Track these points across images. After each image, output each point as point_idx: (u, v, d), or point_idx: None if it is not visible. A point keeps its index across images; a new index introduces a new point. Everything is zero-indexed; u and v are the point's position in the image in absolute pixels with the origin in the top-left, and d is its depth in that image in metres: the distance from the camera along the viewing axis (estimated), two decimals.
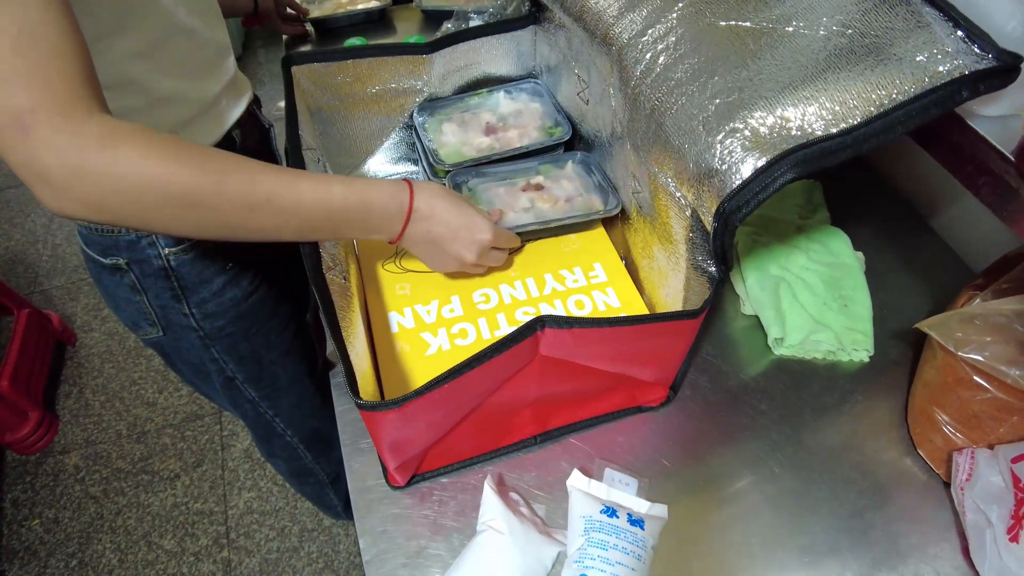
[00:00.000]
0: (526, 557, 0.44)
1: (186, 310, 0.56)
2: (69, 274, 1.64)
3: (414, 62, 0.62)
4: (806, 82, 0.36)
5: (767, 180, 0.34)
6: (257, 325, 0.62)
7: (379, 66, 0.61)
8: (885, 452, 0.54)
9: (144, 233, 0.50)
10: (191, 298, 0.55)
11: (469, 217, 0.47)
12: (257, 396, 0.69)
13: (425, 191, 0.45)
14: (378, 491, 0.51)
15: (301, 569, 1.12)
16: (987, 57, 0.34)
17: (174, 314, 0.56)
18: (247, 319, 0.60)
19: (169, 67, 0.46)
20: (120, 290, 0.54)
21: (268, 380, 0.68)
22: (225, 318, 0.58)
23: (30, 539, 1.18)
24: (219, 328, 0.59)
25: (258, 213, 0.36)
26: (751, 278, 0.63)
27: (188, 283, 0.54)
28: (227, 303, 0.57)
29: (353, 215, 0.41)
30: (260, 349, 0.64)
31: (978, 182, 0.40)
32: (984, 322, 0.48)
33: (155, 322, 0.57)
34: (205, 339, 0.59)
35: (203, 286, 0.55)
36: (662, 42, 0.42)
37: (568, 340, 0.41)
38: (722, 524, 0.50)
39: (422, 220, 0.45)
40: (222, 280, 0.56)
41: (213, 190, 0.34)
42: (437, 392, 0.38)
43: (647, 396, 0.55)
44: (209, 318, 0.57)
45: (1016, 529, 0.46)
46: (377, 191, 0.42)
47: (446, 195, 0.46)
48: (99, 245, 0.51)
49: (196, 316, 0.57)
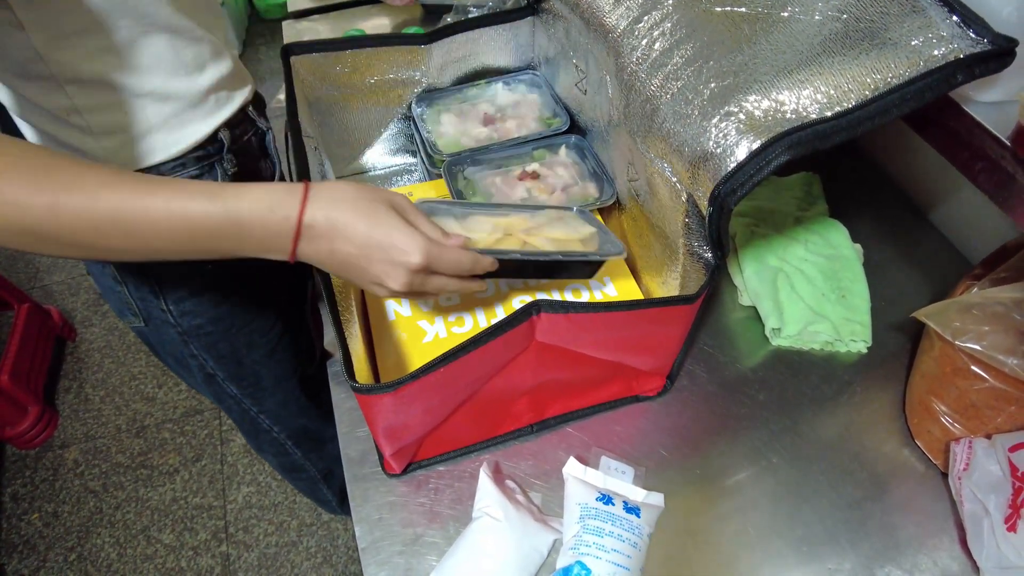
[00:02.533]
0: (522, 544, 0.44)
1: (163, 306, 0.55)
2: (69, 270, 1.65)
3: (412, 52, 0.62)
4: (801, 66, 0.36)
5: (761, 162, 0.34)
6: (238, 326, 0.61)
7: (377, 56, 0.61)
8: (883, 443, 0.54)
9: None
10: (168, 295, 0.55)
11: (387, 232, 0.35)
12: (239, 393, 0.68)
13: (324, 197, 0.34)
14: (374, 479, 0.51)
15: (300, 563, 1.12)
16: (982, 41, 0.34)
17: (153, 308, 0.56)
18: (226, 320, 0.59)
19: (146, 65, 0.45)
20: (104, 279, 0.55)
21: (250, 379, 0.67)
22: (203, 317, 0.58)
23: (29, 533, 1.18)
24: (197, 326, 0.58)
25: (109, 236, 0.31)
26: (749, 269, 0.63)
27: (165, 280, 0.54)
28: (205, 303, 0.57)
29: (222, 234, 0.33)
30: (241, 349, 0.63)
31: (974, 168, 0.39)
32: (982, 311, 0.48)
33: (137, 313, 0.57)
34: (183, 335, 0.58)
35: (180, 285, 0.54)
36: (658, 28, 0.42)
37: (564, 325, 0.41)
38: (719, 513, 0.50)
39: (319, 238, 0.35)
40: (200, 281, 0.55)
41: (47, 216, 0.30)
42: (432, 376, 0.38)
43: (644, 386, 0.55)
44: (187, 316, 0.57)
45: (1014, 518, 0.45)
46: (252, 202, 0.33)
47: (356, 201, 0.35)
48: None
49: (173, 313, 0.56)
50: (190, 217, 0.32)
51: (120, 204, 0.31)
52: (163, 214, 0.32)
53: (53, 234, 0.30)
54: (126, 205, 0.31)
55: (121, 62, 0.44)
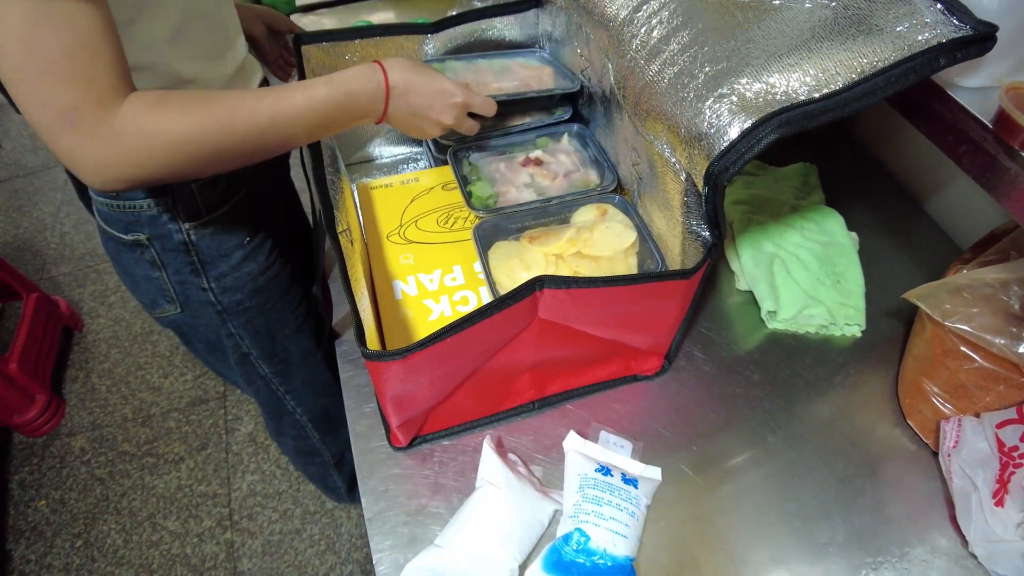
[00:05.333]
0: (523, 513, 0.46)
1: (205, 284, 0.58)
2: (76, 261, 1.67)
3: (419, 41, 0.64)
4: (791, 51, 0.38)
5: (752, 141, 0.36)
6: (272, 300, 0.64)
7: (385, 44, 0.63)
8: (876, 423, 0.56)
9: (165, 208, 0.52)
10: (210, 272, 0.57)
11: (441, 83, 0.51)
12: (271, 372, 0.70)
13: (396, 68, 0.48)
14: (381, 452, 0.53)
15: (303, 551, 1.14)
16: (965, 27, 0.36)
17: (193, 289, 0.58)
18: (263, 293, 0.62)
19: (190, 50, 0.48)
20: (139, 267, 0.56)
21: (281, 356, 0.69)
22: (242, 292, 0.60)
23: (36, 520, 1.20)
24: (236, 302, 0.61)
25: (268, 134, 0.42)
26: (746, 254, 0.64)
27: (207, 257, 0.56)
28: (245, 277, 0.59)
29: (342, 107, 0.46)
30: (274, 324, 0.66)
31: (959, 151, 0.41)
32: (971, 293, 0.50)
33: (173, 298, 0.59)
34: (223, 313, 0.61)
35: (222, 260, 0.57)
36: (656, 16, 0.44)
37: (566, 301, 0.42)
38: (715, 488, 0.51)
39: (400, 96, 0.49)
40: (240, 254, 0.58)
41: (227, 131, 0.40)
42: (439, 346, 0.39)
43: (643, 365, 0.56)
44: (227, 292, 0.59)
45: (1001, 493, 0.47)
46: (356, 80, 0.46)
47: (415, 68, 0.49)
48: (120, 223, 0.53)
49: (215, 290, 0.59)
50: (321, 101, 0.44)
51: (273, 108, 0.42)
52: (303, 104, 0.43)
53: (231, 147, 0.41)
54: (277, 107, 0.42)
55: (170, 49, 0.47)
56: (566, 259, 0.53)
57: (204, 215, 0.54)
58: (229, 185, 0.55)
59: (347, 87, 0.45)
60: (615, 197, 0.57)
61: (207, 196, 0.53)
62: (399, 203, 0.62)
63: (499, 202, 0.58)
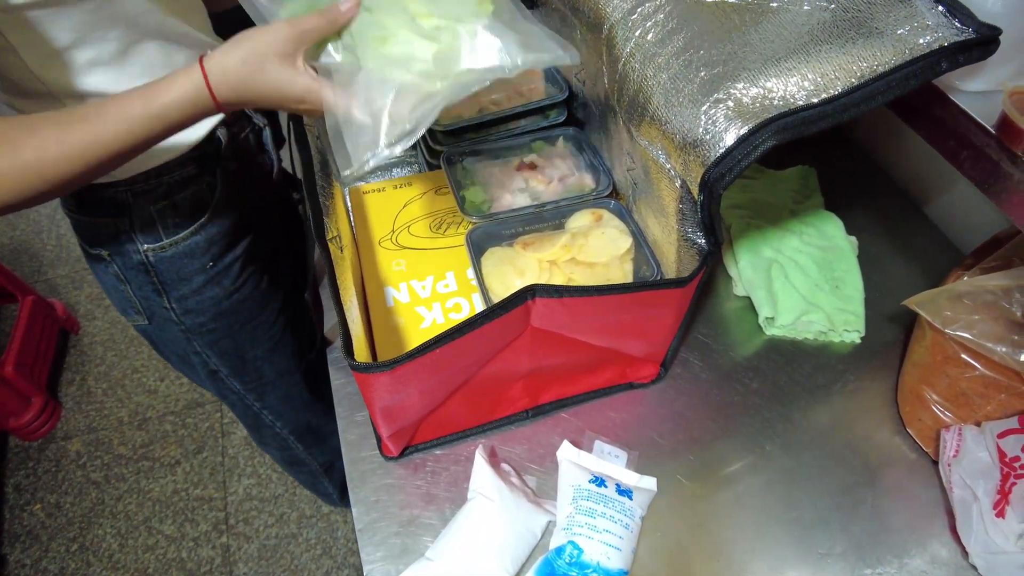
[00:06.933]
0: (516, 524, 0.45)
1: (166, 304, 0.56)
2: (72, 264, 1.66)
3: None
4: (789, 55, 0.37)
5: (749, 148, 0.35)
6: (240, 323, 0.61)
7: None
8: (875, 431, 0.55)
9: (123, 227, 0.51)
10: (171, 293, 0.55)
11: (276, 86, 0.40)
12: (243, 389, 0.68)
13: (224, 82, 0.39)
14: (372, 462, 0.52)
15: (299, 555, 1.13)
16: (967, 30, 0.35)
17: (156, 306, 0.57)
18: (228, 317, 0.60)
19: (140, 72, 0.46)
20: (107, 278, 0.55)
21: (253, 375, 0.67)
22: (205, 315, 0.58)
23: (32, 523, 1.19)
24: (199, 324, 0.59)
25: (82, 162, 0.38)
26: (744, 259, 0.64)
27: (167, 279, 0.54)
28: (207, 301, 0.57)
29: (162, 125, 0.40)
30: (244, 345, 0.63)
31: (960, 156, 0.40)
32: (972, 300, 0.49)
33: (140, 311, 0.58)
34: (187, 333, 0.59)
35: (182, 283, 0.55)
36: (651, 19, 0.43)
37: (559, 310, 0.42)
38: (712, 497, 0.50)
39: (235, 104, 0.41)
40: (202, 279, 0.56)
41: (35, 168, 0.36)
42: (428, 356, 0.38)
43: (638, 373, 0.55)
44: (189, 314, 0.57)
45: (1002, 504, 0.46)
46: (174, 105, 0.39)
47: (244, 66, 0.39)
48: (85, 234, 0.52)
49: (176, 311, 0.57)
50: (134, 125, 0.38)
51: (85, 137, 0.37)
52: (112, 130, 0.38)
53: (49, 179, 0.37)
54: (89, 137, 0.37)
55: (115, 72, 0.45)
56: (560, 265, 0.52)
57: (163, 238, 0.52)
58: (193, 208, 0.53)
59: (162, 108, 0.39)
60: (610, 202, 0.56)
61: (167, 219, 0.52)
62: (391, 208, 0.61)
63: (493, 207, 0.57)
